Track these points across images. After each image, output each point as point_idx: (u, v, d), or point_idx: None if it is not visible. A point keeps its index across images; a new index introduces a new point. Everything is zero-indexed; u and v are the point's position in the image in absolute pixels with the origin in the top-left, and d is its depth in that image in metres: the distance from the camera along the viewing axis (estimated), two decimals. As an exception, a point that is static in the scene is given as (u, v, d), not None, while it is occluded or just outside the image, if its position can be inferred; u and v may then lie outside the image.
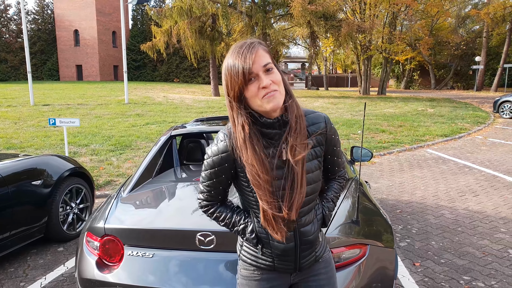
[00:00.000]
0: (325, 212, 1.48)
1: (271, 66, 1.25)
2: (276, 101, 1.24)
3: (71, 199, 4.23)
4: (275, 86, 1.24)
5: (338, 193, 1.57)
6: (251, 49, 1.23)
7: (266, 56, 1.26)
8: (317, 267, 1.49)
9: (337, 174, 1.57)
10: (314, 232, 1.42)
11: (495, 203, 5.40)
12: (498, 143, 10.12)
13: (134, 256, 1.98)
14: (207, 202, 1.47)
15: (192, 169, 3.08)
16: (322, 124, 1.40)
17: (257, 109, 1.28)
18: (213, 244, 1.93)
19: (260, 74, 1.23)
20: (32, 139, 9.34)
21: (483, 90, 34.34)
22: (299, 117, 1.32)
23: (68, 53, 44.58)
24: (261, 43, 1.29)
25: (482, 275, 3.43)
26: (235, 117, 1.29)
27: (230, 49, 1.29)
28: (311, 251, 1.44)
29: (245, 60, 1.22)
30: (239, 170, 1.35)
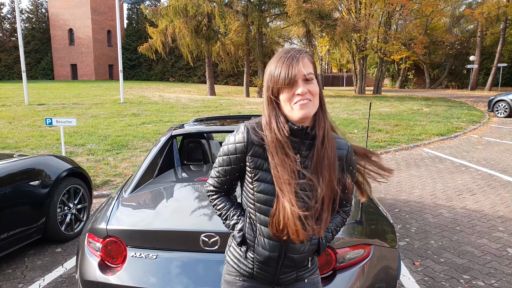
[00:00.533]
0: (322, 240, 1.45)
1: (312, 77, 1.27)
2: (307, 111, 1.25)
3: (69, 200, 4.20)
4: (310, 96, 1.25)
5: (339, 228, 1.53)
6: (298, 55, 1.26)
7: (310, 66, 1.28)
8: (301, 285, 1.47)
9: (343, 208, 1.53)
10: (302, 253, 1.39)
11: (493, 202, 5.43)
12: (494, 142, 10.17)
13: (137, 257, 1.96)
14: (213, 188, 1.50)
15: (193, 169, 3.06)
16: (344, 152, 1.39)
17: (286, 114, 1.29)
18: (218, 245, 1.92)
19: (299, 81, 1.24)
20: (28, 139, 9.27)
21: (477, 89, 34.53)
22: (326, 134, 1.31)
23: (63, 52, 44.31)
24: (308, 53, 1.31)
25: (482, 274, 3.44)
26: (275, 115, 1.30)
27: (278, 52, 1.32)
28: (293, 269, 1.42)
29: (290, 64, 1.24)
30: (247, 165, 1.36)
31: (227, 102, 19.44)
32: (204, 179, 2.75)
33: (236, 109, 16.60)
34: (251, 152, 1.33)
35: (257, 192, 1.34)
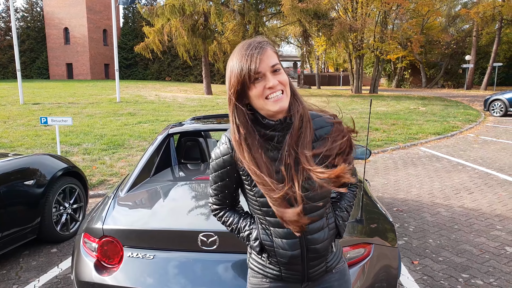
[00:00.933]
0: (338, 221, 1.40)
1: (279, 67, 1.22)
2: (282, 104, 1.21)
3: (64, 199, 4.15)
4: (281, 86, 1.21)
5: (352, 202, 1.49)
6: (260, 48, 1.20)
7: (274, 57, 1.23)
8: (330, 278, 1.42)
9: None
10: (323, 241, 1.34)
11: (490, 200, 5.42)
12: (490, 141, 10.20)
13: (134, 257, 1.92)
14: (216, 206, 1.46)
15: (190, 168, 3.03)
16: (328, 128, 1.33)
17: (261, 110, 1.25)
18: (216, 244, 1.89)
19: (267, 74, 1.20)
20: (23, 138, 9.19)
21: (473, 89, 34.67)
22: (306, 120, 1.27)
23: (58, 51, 44.08)
24: (270, 43, 1.25)
25: (481, 272, 3.43)
26: (233, 116, 1.26)
27: (238, 46, 1.25)
28: (321, 260, 1.37)
29: (252, 58, 1.18)
30: (241, 173, 1.32)
31: (224, 101, 19.39)
32: (202, 177, 2.71)
33: (232, 108, 16.55)
34: (240, 161, 1.29)
35: (259, 197, 1.29)
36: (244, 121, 1.24)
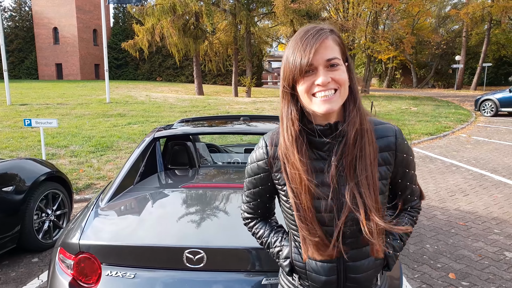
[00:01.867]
0: (388, 251, 1.19)
1: (337, 62, 1.03)
2: (330, 106, 1.03)
3: (47, 206, 3.96)
4: (335, 85, 1.03)
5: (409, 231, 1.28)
6: (316, 36, 1.01)
7: (335, 49, 1.04)
8: None
9: (409, 204, 1.27)
10: (367, 270, 1.16)
11: (486, 202, 5.33)
12: (482, 141, 10.16)
13: (113, 276, 1.75)
14: (247, 215, 1.31)
15: (178, 174, 2.86)
16: (391, 139, 1.14)
17: (305, 108, 1.08)
18: (203, 262, 1.71)
19: (319, 68, 1.02)
20: (8, 140, 8.93)
21: (463, 89, 34.87)
22: (363, 130, 1.07)
23: (47, 51, 43.47)
24: (334, 32, 1.06)
25: (481, 280, 3.31)
26: (284, 110, 1.09)
27: (297, 32, 1.07)
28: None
29: (306, 46, 1.01)
30: (276, 183, 1.17)
31: (216, 102, 19.20)
32: (189, 185, 2.54)
33: (224, 109, 16.39)
34: (275, 168, 1.15)
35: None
36: (295, 115, 1.07)
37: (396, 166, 1.17)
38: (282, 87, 1.08)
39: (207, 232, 1.89)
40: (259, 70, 41.61)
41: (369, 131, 1.09)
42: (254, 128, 3.01)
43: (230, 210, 2.11)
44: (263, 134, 1.22)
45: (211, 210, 2.11)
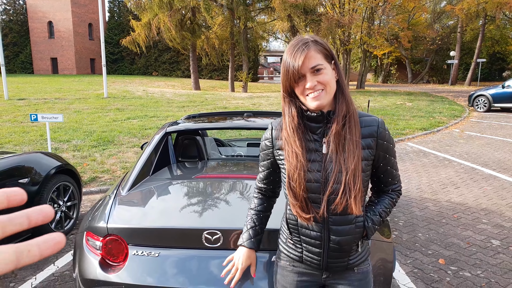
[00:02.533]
0: (367, 223, 1.43)
1: (320, 67, 1.29)
2: (320, 101, 1.30)
3: (58, 197, 4.15)
4: (321, 86, 1.29)
5: (388, 209, 1.50)
6: (302, 49, 1.28)
7: (317, 57, 1.29)
8: (351, 276, 1.47)
9: (390, 187, 1.51)
10: (347, 235, 1.39)
11: (476, 194, 5.58)
12: (475, 136, 10.43)
13: (139, 255, 1.96)
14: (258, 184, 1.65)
15: (189, 166, 3.07)
16: (374, 128, 1.39)
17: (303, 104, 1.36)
18: (220, 242, 1.94)
19: (307, 75, 1.29)
20: (10, 135, 9.08)
21: (457, 84, 35.22)
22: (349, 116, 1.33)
23: (42, 45, 43.30)
24: (316, 42, 1.32)
25: (468, 265, 3.56)
26: (286, 109, 1.38)
27: (288, 45, 1.35)
28: (342, 254, 1.42)
29: (295, 60, 1.28)
30: (277, 158, 1.48)
31: (212, 97, 19.36)
32: (202, 176, 2.75)
33: (221, 104, 16.56)
34: (277, 147, 1.46)
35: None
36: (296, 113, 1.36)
37: (378, 151, 1.40)
38: (282, 93, 1.37)
39: (222, 216, 2.12)
40: (255, 65, 41.75)
41: (355, 116, 1.35)
42: (260, 123, 3.23)
43: (241, 197, 2.34)
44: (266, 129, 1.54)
45: (224, 197, 2.34)
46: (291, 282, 1.51)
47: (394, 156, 1.46)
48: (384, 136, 1.41)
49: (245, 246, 1.61)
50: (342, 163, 1.31)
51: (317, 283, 1.51)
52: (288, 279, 1.52)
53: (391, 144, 1.44)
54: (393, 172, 1.48)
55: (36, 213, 0.37)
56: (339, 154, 1.32)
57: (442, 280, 3.30)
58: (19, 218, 0.36)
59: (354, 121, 1.33)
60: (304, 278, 1.50)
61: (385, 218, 1.48)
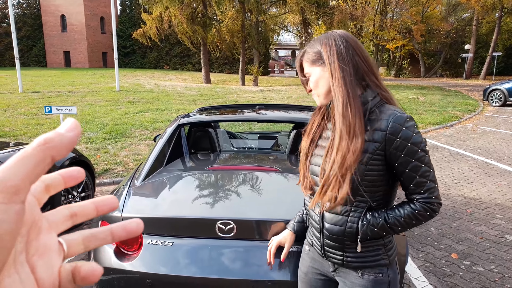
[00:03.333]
0: (361, 221, 1.34)
1: (308, 76, 1.44)
2: (317, 102, 1.46)
3: (73, 188, 4.21)
4: (314, 90, 1.43)
5: (404, 219, 1.32)
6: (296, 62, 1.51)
7: (305, 66, 1.44)
8: (354, 277, 1.42)
9: (414, 196, 1.33)
10: (335, 225, 1.38)
11: (490, 190, 5.52)
12: (489, 130, 10.28)
13: (153, 244, 1.99)
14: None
15: (201, 158, 3.08)
16: (385, 122, 1.28)
17: None
18: (233, 232, 1.96)
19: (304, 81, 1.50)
20: (25, 127, 9.22)
21: (471, 78, 34.67)
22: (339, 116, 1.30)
23: (55, 39, 43.69)
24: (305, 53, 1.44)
25: (481, 259, 3.53)
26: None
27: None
28: (336, 246, 1.41)
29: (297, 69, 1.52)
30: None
31: (223, 90, 19.38)
32: (215, 167, 2.77)
33: (232, 97, 16.57)
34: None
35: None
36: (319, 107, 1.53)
37: (388, 147, 1.29)
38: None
39: (236, 206, 2.14)
40: (266, 59, 41.60)
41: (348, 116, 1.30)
42: (271, 116, 3.23)
43: (254, 189, 2.35)
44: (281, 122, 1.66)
45: (237, 188, 2.36)
46: (305, 265, 1.59)
47: (417, 159, 1.28)
48: (397, 132, 1.26)
49: (288, 228, 1.73)
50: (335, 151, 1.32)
51: (326, 275, 1.53)
52: (304, 262, 1.60)
53: (410, 144, 1.27)
54: (415, 177, 1.30)
55: (120, 229, 0.37)
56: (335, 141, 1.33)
57: (454, 274, 3.28)
58: (103, 233, 0.37)
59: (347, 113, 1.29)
60: (316, 266, 1.55)
61: (395, 227, 1.32)
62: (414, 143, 1.27)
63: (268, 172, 2.59)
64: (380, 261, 1.38)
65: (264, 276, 1.88)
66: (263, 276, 1.88)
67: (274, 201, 2.25)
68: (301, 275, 1.61)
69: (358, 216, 1.34)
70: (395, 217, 1.32)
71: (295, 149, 3.12)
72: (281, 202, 2.21)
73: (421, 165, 1.29)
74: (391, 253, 1.41)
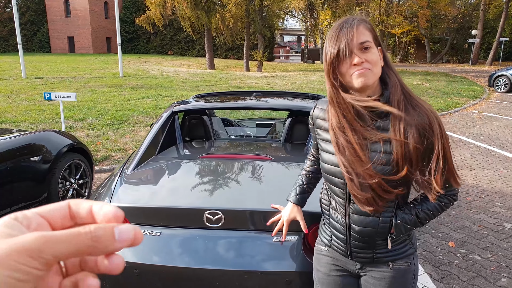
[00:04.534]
0: (396, 220, 1.32)
1: (369, 45, 1.22)
2: (365, 79, 1.21)
3: (70, 175, 4.22)
4: (368, 65, 1.21)
5: (433, 212, 1.33)
6: (349, 25, 1.22)
7: (366, 34, 1.23)
8: (385, 270, 1.41)
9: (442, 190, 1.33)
10: (366, 227, 1.34)
11: (490, 177, 5.47)
12: (493, 117, 10.17)
13: None
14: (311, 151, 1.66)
15: (195, 146, 3.06)
16: (424, 118, 1.25)
17: (350, 89, 1.28)
18: (221, 222, 1.94)
19: (354, 51, 1.21)
20: (27, 113, 9.23)
21: (478, 64, 34.20)
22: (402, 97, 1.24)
23: (59, 24, 43.49)
24: (364, 20, 1.26)
25: (479, 248, 3.51)
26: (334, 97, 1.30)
27: (335, 24, 1.28)
28: (364, 245, 1.38)
29: (341, 38, 1.21)
30: (316, 137, 1.46)
31: (227, 76, 19.27)
32: (207, 156, 2.75)
33: (236, 83, 16.48)
34: (316, 125, 1.44)
35: (322, 162, 1.40)
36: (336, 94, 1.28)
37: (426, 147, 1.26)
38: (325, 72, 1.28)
39: (224, 196, 2.12)
40: (271, 44, 41.24)
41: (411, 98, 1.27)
42: (266, 103, 3.19)
43: (245, 178, 2.33)
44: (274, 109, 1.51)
45: (227, 178, 2.33)
46: (324, 265, 1.51)
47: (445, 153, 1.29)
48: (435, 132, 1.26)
49: (290, 200, 1.66)
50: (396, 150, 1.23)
51: (351, 273, 1.48)
52: (322, 262, 1.52)
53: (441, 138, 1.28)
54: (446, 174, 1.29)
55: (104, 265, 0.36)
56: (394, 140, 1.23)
57: (451, 263, 3.27)
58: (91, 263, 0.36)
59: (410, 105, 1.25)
60: (338, 264, 1.48)
61: (424, 221, 1.34)
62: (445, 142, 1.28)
63: (260, 161, 2.56)
64: (408, 250, 1.41)
65: (256, 267, 1.87)
66: (255, 266, 1.87)
67: (264, 190, 2.22)
68: (322, 276, 1.52)
69: (389, 215, 1.33)
70: (425, 211, 1.33)
71: (290, 137, 3.09)
72: (272, 192, 2.18)
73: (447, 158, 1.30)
74: (414, 241, 1.45)
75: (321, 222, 1.54)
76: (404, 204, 1.37)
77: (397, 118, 1.23)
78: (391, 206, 1.33)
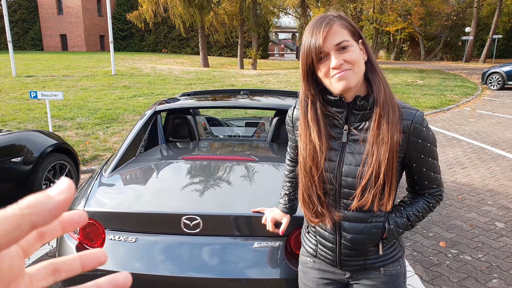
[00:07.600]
0: (389, 224, 1.27)
1: (347, 44, 1.13)
2: (345, 82, 1.13)
3: (54, 176, 4.12)
4: (348, 65, 1.13)
5: (422, 213, 1.31)
6: (324, 25, 1.12)
7: (342, 33, 1.14)
8: (376, 276, 1.36)
9: (427, 191, 1.32)
10: (359, 234, 1.27)
11: (482, 175, 5.43)
12: (486, 114, 10.15)
13: (116, 240, 1.89)
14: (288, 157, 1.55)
15: (179, 146, 2.97)
16: (407, 122, 1.20)
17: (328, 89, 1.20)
18: (199, 228, 1.86)
19: (331, 53, 1.13)
20: (15, 112, 9.09)
21: (471, 61, 34.30)
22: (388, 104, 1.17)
23: (51, 21, 43.08)
24: (340, 17, 1.17)
25: (470, 248, 3.46)
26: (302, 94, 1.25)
27: (308, 23, 1.19)
28: (356, 253, 1.31)
29: (316, 37, 1.12)
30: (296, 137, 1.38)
31: (221, 74, 19.16)
32: (190, 157, 2.66)
33: (229, 81, 16.37)
34: (295, 127, 1.36)
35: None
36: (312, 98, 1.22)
37: (409, 149, 1.23)
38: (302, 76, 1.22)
39: (203, 200, 2.03)
40: (266, 42, 41.09)
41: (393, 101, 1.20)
42: (252, 102, 3.11)
43: (226, 181, 2.24)
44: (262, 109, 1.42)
45: (208, 181, 2.24)
46: (312, 279, 1.42)
47: (432, 157, 1.28)
48: (419, 134, 1.22)
49: (279, 209, 1.59)
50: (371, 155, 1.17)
51: (340, 283, 1.41)
52: (309, 276, 1.43)
53: (429, 143, 1.25)
54: (431, 174, 1.29)
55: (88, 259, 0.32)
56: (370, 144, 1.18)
57: (441, 263, 3.22)
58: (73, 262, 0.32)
59: (391, 107, 1.18)
60: (326, 276, 1.40)
61: (414, 223, 1.31)
62: (431, 143, 1.26)
63: (244, 162, 2.48)
64: (398, 253, 1.37)
65: (239, 274, 1.80)
66: (239, 274, 1.80)
67: (246, 194, 2.14)
68: None
69: (381, 220, 1.28)
70: (415, 214, 1.31)
71: (277, 137, 3.01)
72: (254, 195, 2.10)
73: (434, 161, 1.29)
74: (402, 243, 1.41)
75: (304, 230, 1.45)
76: (394, 207, 1.34)
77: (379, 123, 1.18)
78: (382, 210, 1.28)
